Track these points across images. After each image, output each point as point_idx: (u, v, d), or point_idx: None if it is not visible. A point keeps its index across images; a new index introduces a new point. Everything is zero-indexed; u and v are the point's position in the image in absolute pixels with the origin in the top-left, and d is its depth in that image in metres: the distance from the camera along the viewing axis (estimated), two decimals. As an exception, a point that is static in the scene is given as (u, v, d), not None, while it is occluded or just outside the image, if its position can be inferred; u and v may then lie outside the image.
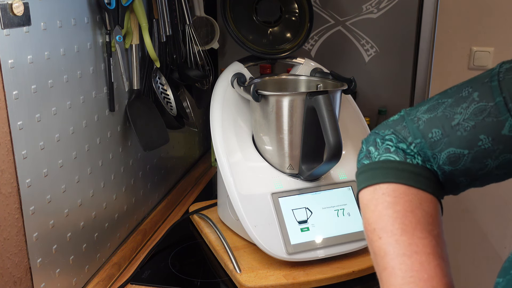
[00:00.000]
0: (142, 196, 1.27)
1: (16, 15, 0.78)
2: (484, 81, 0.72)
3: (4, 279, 0.82)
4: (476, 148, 0.71)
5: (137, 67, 1.14)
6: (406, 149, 0.75)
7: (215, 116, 1.13)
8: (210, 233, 1.21)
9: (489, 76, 0.72)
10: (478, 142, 0.71)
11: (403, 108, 0.78)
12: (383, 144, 0.77)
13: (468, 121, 0.71)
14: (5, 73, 0.77)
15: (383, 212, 0.71)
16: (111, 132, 1.10)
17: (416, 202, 0.71)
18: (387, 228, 0.69)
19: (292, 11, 1.25)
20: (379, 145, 0.77)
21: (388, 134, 0.78)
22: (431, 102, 0.76)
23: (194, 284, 1.08)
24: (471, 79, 0.75)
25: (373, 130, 0.81)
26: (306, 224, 1.07)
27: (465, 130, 0.71)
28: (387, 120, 0.81)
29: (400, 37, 1.59)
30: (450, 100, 0.74)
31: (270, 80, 1.19)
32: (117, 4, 1.02)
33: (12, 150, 0.80)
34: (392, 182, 0.72)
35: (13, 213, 0.82)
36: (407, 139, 0.75)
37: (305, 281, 1.04)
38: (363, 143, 0.80)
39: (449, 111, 0.73)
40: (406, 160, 0.74)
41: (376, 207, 0.72)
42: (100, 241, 1.09)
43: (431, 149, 0.74)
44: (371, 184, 0.74)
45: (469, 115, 0.71)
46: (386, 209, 0.71)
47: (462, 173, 0.73)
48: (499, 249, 2.21)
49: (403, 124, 0.77)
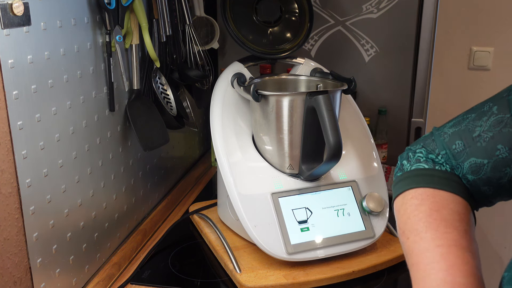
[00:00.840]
0: (142, 196, 1.27)
1: (16, 15, 0.78)
2: (503, 96, 0.78)
3: (4, 279, 0.82)
4: (494, 158, 0.76)
5: (137, 67, 1.14)
6: (434, 158, 0.81)
7: (215, 116, 1.13)
8: (210, 233, 1.21)
9: (507, 90, 0.78)
10: (496, 152, 0.75)
11: (434, 127, 0.85)
12: (414, 156, 0.83)
13: (487, 133, 0.76)
14: (5, 73, 0.77)
15: (410, 214, 0.75)
16: (111, 132, 1.10)
17: (443, 202, 0.75)
18: (413, 228, 0.73)
19: (292, 11, 1.25)
20: (411, 157, 0.83)
21: (419, 148, 0.84)
22: (457, 118, 0.83)
23: (194, 284, 1.08)
24: (493, 96, 0.81)
25: (407, 147, 0.87)
26: (306, 224, 1.07)
27: (484, 141, 0.76)
28: (420, 137, 0.89)
29: (400, 37, 1.59)
30: (473, 115, 0.80)
31: (270, 80, 1.19)
32: (117, 4, 1.02)
33: (12, 150, 0.80)
34: (421, 187, 0.78)
35: (13, 213, 0.82)
36: (435, 150, 0.81)
37: (305, 281, 1.04)
38: (398, 159, 0.87)
39: (471, 125, 0.79)
40: (435, 167, 0.80)
41: (405, 211, 0.77)
42: (100, 241, 1.09)
43: (455, 159, 0.79)
44: (402, 191, 0.79)
45: (488, 127, 0.76)
46: (413, 211, 0.75)
47: (484, 182, 0.78)
48: (499, 249, 2.21)
49: (432, 138, 0.83)
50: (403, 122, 1.67)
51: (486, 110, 0.78)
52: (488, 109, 0.78)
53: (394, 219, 0.82)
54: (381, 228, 1.11)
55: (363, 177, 1.15)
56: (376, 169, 1.17)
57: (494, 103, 0.78)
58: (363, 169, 1.15)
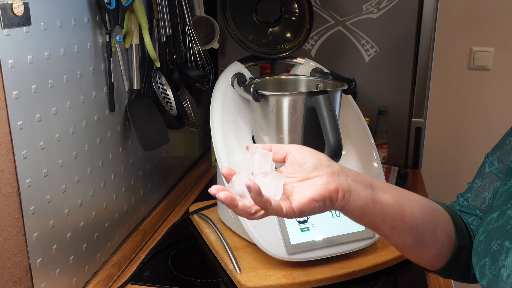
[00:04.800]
0: (142, 196, 1.27)
1: (16, 15, 0.78)
2: None
3: (4, 279, 0.82)
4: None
5: (137, 67, 1.14)
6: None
7: (215, 116, 1.13)
8: (210, 233, 1.21)
9: None
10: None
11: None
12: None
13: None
14: (5, 73, 0.77)
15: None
16: (111, 132, 1.10)
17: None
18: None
19: (292, 11, 1.25)
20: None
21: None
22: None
23: (194, 284, 1.08)
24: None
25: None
26: (306, 224, 1.07)
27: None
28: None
29: (400, 37, 1.59)
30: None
31: (270, 80, 1.19)
32: (117, 4, 1.02)
33: (12, 150, 0.80)
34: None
35: (13, 213, 0.82)
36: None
37: (305, 281, 1.04)
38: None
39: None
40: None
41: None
42: (100, 241, 1.09)
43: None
44: None
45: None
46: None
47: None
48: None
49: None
50: (403, 122, 1.67)
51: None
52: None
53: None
54: (381, 228, 1.11)
55: (363, 177, 1.14)
56: (376, 169, 1.17)
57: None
58: (363, 169, 1.15)
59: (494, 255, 0.66)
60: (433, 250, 0.78)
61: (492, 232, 0.69)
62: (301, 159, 0.69)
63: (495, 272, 0.65)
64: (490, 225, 0.71)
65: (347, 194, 0.68)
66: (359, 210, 0.69)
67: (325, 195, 0.66)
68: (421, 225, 0.74)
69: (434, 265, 0.80)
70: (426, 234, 0.75)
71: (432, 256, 0.79)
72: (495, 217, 0.71)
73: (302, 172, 0.69)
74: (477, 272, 0.70)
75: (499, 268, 0.65)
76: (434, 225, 0.76)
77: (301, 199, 0.65)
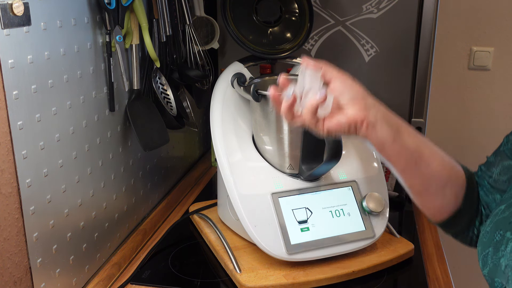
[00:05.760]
0: (142, 196, 1.27)
1: (16, 15, 0.78)
2: None
3: (4, 279, 0.82)
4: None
5: (137, 67, 1.14)
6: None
7: (215, 116, 1.13)
8: (210, 233, 1.21)
9: None
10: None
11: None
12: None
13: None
14: (5, 73, 0.77)
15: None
16: (111, 132, 1.10)
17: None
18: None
19: (292, 11, 1.25)
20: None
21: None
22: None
23: (194, 284, 1.08)
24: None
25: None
26: (306, 224, 1.07)
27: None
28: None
29: (400, 37, 1.59)
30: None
31: (270, 80, 1.19)
32: (117, 4, 1.02)
33: (12, 150, 0.80)
34: None
35: (13, 213, 0.82)
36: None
37: (305, 281, 1.04)
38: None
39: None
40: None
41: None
42: (100, 241, 1.09)
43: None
44: None
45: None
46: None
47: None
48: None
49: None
50: (403, 122, 1.67)
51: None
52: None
53: (394, 219, 0.83)
54: (381, 228, 1.11)
55: (363, 177, 1.14)
56: (376, 169, 1.17)
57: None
58: (363, 169, 1.15)
59: (496, 245, 0.72)
60: (436, 202, 0.86)
61: (497, 224, 0.75)
62: (342, 88, 0.79)
63: (496, 261, 0.71)
64: (497, 216, 0.76)
65: (370, 126, 0.76)
66: (378, 143, 0.78)
67: (350, 123, 0.76)
68: (432, 177, 0.83)
69: (436, 216, 0.89)
70: (433, 185, 0.84)
71: (435, 207, 0.88)
72: (502, 209, 0.76)
73: (341, 99, 0.78)
74: (480, 261, 0.75)
75: (499, 257, 0.70)
76: (445, 181, 0.85)
77: (331, 122, 0.76)
